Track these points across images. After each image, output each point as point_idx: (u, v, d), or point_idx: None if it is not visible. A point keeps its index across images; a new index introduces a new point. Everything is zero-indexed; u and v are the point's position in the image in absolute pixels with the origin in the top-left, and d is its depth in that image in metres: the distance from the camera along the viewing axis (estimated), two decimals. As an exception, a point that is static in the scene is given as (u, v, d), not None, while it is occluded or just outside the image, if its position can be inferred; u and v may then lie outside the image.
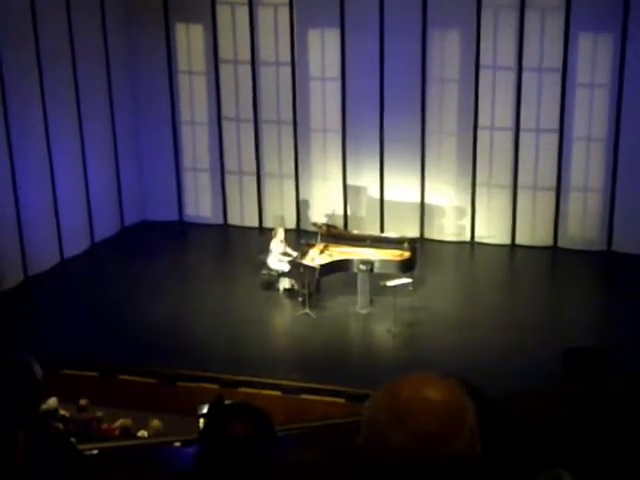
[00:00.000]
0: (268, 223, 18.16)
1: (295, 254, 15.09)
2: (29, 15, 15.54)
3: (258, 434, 2.53)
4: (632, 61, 15.94)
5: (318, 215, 17.66)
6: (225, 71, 18.16)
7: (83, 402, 10.86)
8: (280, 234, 15.40)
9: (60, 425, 9.35)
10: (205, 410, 8.52)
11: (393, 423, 1.50)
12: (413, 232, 17.18)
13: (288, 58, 17.71)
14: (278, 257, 15.15)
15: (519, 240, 17.42)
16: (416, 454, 1.47)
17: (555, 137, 16.82)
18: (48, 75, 16.02)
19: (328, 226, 15.75)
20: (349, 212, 18.03)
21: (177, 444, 6.24)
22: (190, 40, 18.17)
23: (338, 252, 15.14)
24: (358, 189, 17.94)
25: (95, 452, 5.60)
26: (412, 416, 1.49)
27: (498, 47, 16.66)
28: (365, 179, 17.83)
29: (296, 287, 14.95)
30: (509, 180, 17.25)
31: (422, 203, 17.66)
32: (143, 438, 9.91)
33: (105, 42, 17.43)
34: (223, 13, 17.84)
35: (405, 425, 1.49)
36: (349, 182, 17.94)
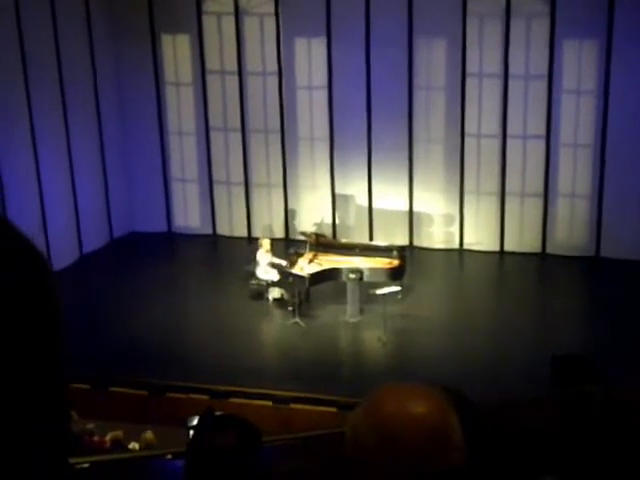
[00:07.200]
0: (257, 233, 18.15)
1: (282, 262, 15.07)
2: (15, 29, 15.51)
3: (245, 445, 2.54)
4: (617, 67, 16.02)
5: (307, 224, 17.64)
6: (212, 81, 18.16)
7: (73, 415, 10.82)
8: (266, 245, 15.34)
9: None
10: (195, 422, 8.51)
11: (378, 444, 1.49)
12: (402, 240, 17.21)
13: (275, 67, 17.73)
14: (265, 268, 15.12)
15: (507, 247, 17.46)
16: (403, 473, 1.48)
17: (542, 143, 16.88)
18: (35, 87, 15.97)
19: (317, 235, 15.74)
20: (338, 221, 18.03)
21: (168, 456, 6.23)
22: (177, 51, 18.18)
23: (327, 261, 15.14)
24: (346, 197, 17.96)
25: (86, 466, 5.58)
26: (397, 436, 1.48)
27: (484, 55, 16.73)
28: (353, 187, 17.84)
29: (285, 297, 14.93)
30: (497, 187, 17.29)
31: (410, 211, 17.69)
32: (134, 451, 9.88)
33: (92, 54, 17.42)
34: (209, 23, 17.86)
35: (390, 446, 1.48)
36: (337, 191, 17.95)
